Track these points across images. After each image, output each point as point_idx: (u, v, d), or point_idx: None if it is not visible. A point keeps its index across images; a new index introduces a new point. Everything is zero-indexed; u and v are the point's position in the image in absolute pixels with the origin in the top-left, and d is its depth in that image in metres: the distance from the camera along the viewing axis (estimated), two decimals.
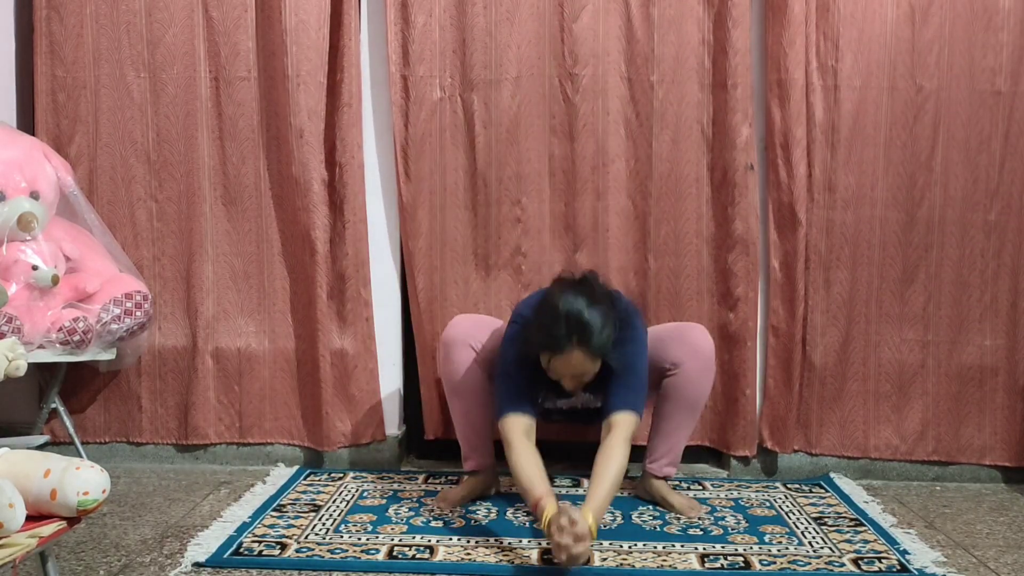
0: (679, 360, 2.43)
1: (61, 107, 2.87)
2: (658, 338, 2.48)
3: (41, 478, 1.52)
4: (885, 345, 2.86)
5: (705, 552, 2.20)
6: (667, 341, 2.47)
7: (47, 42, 2.84)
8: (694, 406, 2.48)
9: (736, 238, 2.81)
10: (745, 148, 2.78)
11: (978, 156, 2.80)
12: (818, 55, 2.77)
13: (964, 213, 2.81)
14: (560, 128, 2.84)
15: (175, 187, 2.90)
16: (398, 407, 3.00)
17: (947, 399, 2.86)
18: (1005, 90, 2.77)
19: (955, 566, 2.15)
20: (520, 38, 2.80)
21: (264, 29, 2.84)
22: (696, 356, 2.44)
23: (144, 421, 2.95)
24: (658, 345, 2.45)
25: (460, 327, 2.49)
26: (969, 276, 2.83)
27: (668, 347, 2.45)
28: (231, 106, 2.87)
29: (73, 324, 2.57)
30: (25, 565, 1.82)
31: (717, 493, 2.70)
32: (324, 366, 2.86)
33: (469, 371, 2.44)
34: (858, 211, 2.82)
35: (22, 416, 2.90)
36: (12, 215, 2.53)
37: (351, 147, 2.83)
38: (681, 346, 2.45)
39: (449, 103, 2.85)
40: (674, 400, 2.47)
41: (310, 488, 2.70)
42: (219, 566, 2.10)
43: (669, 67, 2.80)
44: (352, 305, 2.87)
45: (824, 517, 2.49)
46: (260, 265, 2.92)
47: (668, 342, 2.47)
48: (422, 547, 2.22)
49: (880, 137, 2.80)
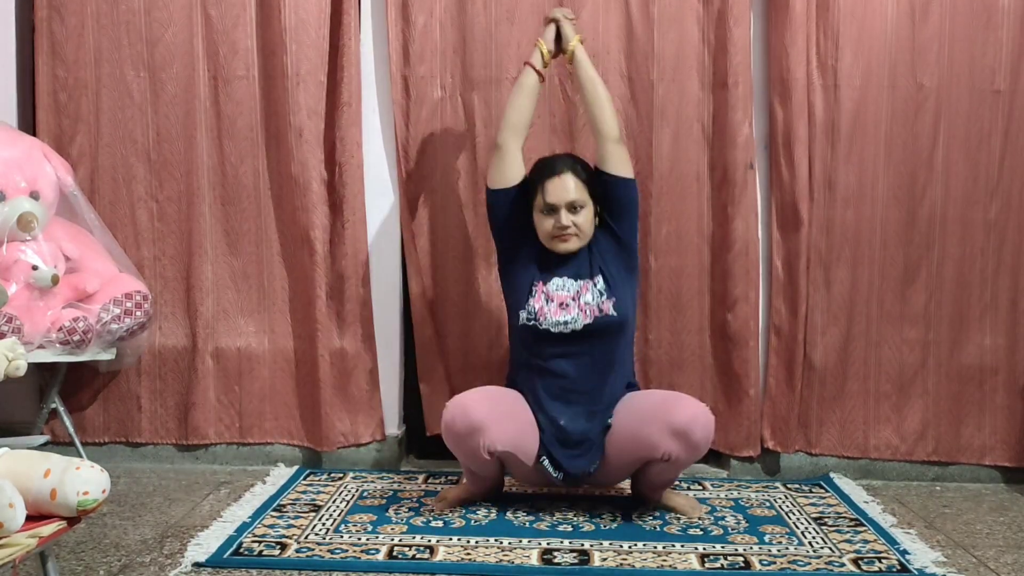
0: (674, 455, 2.27)
1: (62, 107, 2.87)
2: (650, 417, 2.31)
3: (41, 478, 1.52)
4: (885, 344, 2.85)
5: (705, 552, 2.20)
6: (651, 423, 2.29)
7: (48, 42, 2.84)
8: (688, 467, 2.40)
9: (736, 237, 2.81)
10: (745, 147, 2.78)
11: (978, 153, 2.80)
12: (818, 53, 2.77)
13: (964, 211, 2.81)
14: (560, 127, 2.84)
15: (175, 187, 2.90)
16: (398, 407, 3.00)
17: (947, 399, 2.86)
18: (1005, 88, 2.77)
19: (955, 566, 2.15)
20: (520, 37, 2.80)
21: (263, 28, 2.84)
22: (692, 451, 2.28)
23: (144, 421, 2.95)
24: (649, 429, 2.28)
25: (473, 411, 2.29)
26: (969, 274, 2.83)
27: (656, 434, 2.26)
28: (230, 105, 2.87)
29: (73, 324, 2.57)
30: (25, 565, 1.82)
31: (717, 493, 2.70)
32: (324, 366, 2.85)
33: (478, 454, 2.30)
34: (859, 209, 2.82)
35: (22, 416, 2.90)
36: (12, 215, 2.53)
37: (351, 146, 2.83)
38: (671, 439, 2.25)
39: (450, 102, 2.84)
40: (669, 471, 2.37)
41: (310, 488, 2.70)
42: (219, 566, 2.10)
43: (669, 65, 2.80)
44: (352, 305, 2.87)
45: (824, 517, 2.49)
46: (260, 265, 2.92)
47: (652, 425, 2.28)
48: (422, 547, 2.21)
49: (880, 135, 2.80)
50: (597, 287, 2.42)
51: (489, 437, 2.27)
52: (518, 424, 2.39)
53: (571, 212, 2.40)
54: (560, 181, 2.40)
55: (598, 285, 2.42)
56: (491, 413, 2.31)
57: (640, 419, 2.35)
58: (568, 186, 2.40)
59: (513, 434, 2.35)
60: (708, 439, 2.30)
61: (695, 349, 2.86)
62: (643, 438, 2.30)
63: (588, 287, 2.42)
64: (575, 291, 2.43)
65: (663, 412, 2.29)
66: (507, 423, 2.34)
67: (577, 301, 2.42)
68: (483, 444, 2.27)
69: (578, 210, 2.41)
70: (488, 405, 2.34)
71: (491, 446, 2.28)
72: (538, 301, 2.43)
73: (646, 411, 2.36)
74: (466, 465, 2.44)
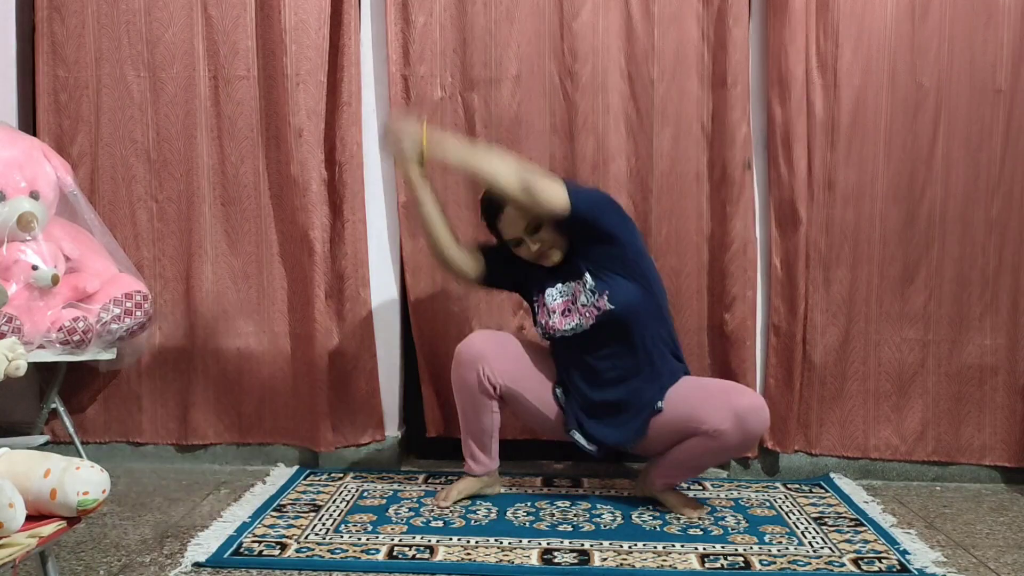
0: (724, 432, 2.30)
1: (63, 107, 2.87)
2: (710, 399, 2.35)
3: (41, 478, 1.52)
4: (885, 344, 2.85)
5: (705, 552, 2.20)
6: (718, 410, 2.31)
7: (49, 42, 2.84)
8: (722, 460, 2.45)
9: (735, 236, 2.80)
10: (743, 146, 2.78)
11: (978, 152, 2.79)
12: (818, 51, 2.77)
13: (965, 209, 2.81)
14: (560, 126, 2.84)
15: (175, 187, 2.90)
16: (398, 407, 3.00)
17: (947, 399, 2.86)
18: (1005, 87, 2.76)
19: (955, 566, 2.15)
20: (520, 36, 2.80)
21: (263, 28, 2.84)
22: (742, 437, 2.32)
23: (144, 421, 2.95)
24: (706, 408, 2.32)
25: (476, 343, 2.49)
26: (970, 273, 2.83)
27: (717, 415, 2.30)
28: (230, 105, 2.87)
29: (73, 324, 2.57)
30: (25, 565, 1.81)
31: (717, 493, 2.70)
32: (324, 366, 2.85)
33: (480, 385, 2.46)
34: (858, 208, 2.81)
35: (22, 416, 2.90)
36: (12, 215, 2.53)
37: (351, 146, 2.83)
38: (732, 422, 2.29)
39: (450, 102, 2.84)
40: (705, 455, 2.40)
41: (310, 488, 2.70)
42: (219, 566, 2.10)
43: (669, 63, 2.80)
44: (351, 305, 2.87)
45: (824, 517, 2.49)
46: (259, 265, 2.92)
47: (719, 411, 2.31)
48: (422, 547, 2.21)
49: (880, 133, 2.80)
50: (587, 286, 2.41)
51: (490, 367, 2.45)
52: (521, 365, 2.52)
53: (532, 234, 2.42)
54: (506, 216, 2.43)
55: (587, 284, 2.41)
56: (495, 349, 2.49)
57: (697, 402, 2.37)
58: (513, 216, 2.41)
59: (514, 372, 2.50)
60: (761, 430, 2.41)
61: (693, 348, 2.86)
62: (696, 415, 2.34)
63: (579, 289, 2.44)
64: (570, 294, 2.46)
65: (725, 396, 2.37)
66: (509, 362, 2.50)
67: (575, 305, 2.44)
68: (484, 371, 2.44)
69: (537, 229, 2.42)
70: (495, 343, 2.51)
71: (491, 376, 2.45)
72: (543, 315, 2.49)
73: (705, 396, 2.38)
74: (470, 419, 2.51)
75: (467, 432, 2.56)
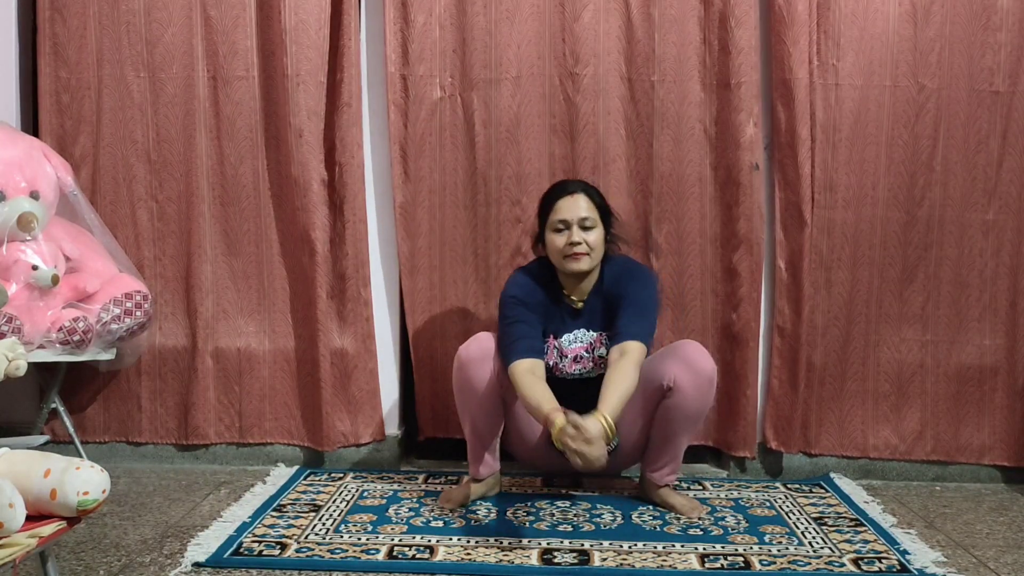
0: (675, 379, 2.37)
1: (65, 108, 2.87)
2: (651, 357, 2.44)
3: (41, 478, 1.52)
4: (884, 345, 2.85)
5: (705, 552, 2.20)
6: (660, 358, 2.44)
7: (51, 43, 2.84)
8: (695, 421, 2.45)
9: (740, 238, 2.81)
10: (750, 147, 2.78)
11: (976, 156, 2.79)
12: (819, 53, 2.77)
13: (963, 212, 2.81)
14: (560, 128, 2.84)
15: (175, 187, 2.90)
16: (398, 407, 3.00)
17: (946, 399, 2.86)
18: (1003, 90, 2.77)
19: (955, 566, 2.15)
20: (520, 37, 2.80)
21: (263, 28, 2.84)
22: (693, 373, 2.38)
23: (144, 421, 2.95)
24: (652, 363, 2.41)
25: (484, 340, 2.47)
26: (968, 276, 2.83)
27: (663, 364, 2.40)
28: (229, 105, 2.87)
29: (73, 324, 2.57)
30: (25, 565, 1.81)
31: (717, 493, 2.70)
32: (324, 366, 2.85)
33: (485, 387, 2.43)
34: (859, 210, 2.81)
35: (22, 416, 2.90)
36: (12, 215, 2.53)
37: (351, 147, 2.83)
38: (676, 363, 2.39)
39: (449, 103, 2.84)
40: (674, 421, 2.43)
41: (310, 488, 2.71)
42: (219, 566, 2.10)
43: (670, 67, 2.80)
44: (352, 305, 2.87)
45: (824, 517, 2.49)
46: (259, 265, 2.92)
47: (661, 359, 2.43)
48: (422, 547, 2.22)
49: (882, 136, 2.80)
50: (607, 343, 2.44)
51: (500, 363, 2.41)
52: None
53: (583, 230, 2.41)
54: (572, 200, 2.43)
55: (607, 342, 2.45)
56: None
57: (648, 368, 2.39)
58: (580, 204, 2.42)
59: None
60: (706, 360, 2.40)
61: None
62: (648, 378, 2.36)
63: (602, 340, 2.48)
64: (589, 342, 2.49)
65: (669, 352, 2.45)
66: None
67: (591, 354, 2.49)
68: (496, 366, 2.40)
69: (589, 229, 2.42)
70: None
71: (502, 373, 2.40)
72: (551, 357, 2.49)
73: (651, 360, 2.42)
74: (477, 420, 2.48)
75: (474, 435, 2.53)
